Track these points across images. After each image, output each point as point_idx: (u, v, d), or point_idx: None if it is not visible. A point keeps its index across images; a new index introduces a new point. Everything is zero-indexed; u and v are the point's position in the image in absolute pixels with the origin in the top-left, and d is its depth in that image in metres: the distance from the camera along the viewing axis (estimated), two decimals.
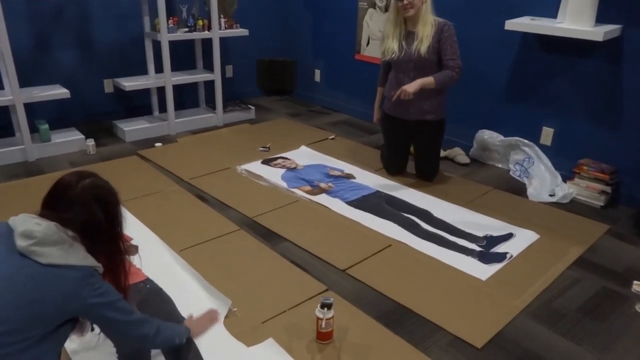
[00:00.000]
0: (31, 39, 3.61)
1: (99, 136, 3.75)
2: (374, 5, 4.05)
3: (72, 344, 1.71)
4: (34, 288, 1.22)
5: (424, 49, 2.80)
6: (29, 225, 1.25)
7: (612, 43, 2.78)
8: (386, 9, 3.94)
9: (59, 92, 3.42)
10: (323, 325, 1.76)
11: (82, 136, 3.58)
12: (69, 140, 3.51)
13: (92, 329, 1.46)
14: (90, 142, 3.51)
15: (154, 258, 2.26)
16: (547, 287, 2.15)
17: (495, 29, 3.19)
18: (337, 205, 2.82)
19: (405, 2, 2.77)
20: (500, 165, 3.43)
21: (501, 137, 3.35)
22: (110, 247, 1.42)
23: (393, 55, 2.90)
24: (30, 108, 3.35)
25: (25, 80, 3.40)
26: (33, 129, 3.38)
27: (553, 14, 2.98)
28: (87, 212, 1.33)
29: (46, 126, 3.42)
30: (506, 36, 3.19)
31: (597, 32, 2.65)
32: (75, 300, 1.28)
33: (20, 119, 3.24)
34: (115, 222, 1.42)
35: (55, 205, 1.33)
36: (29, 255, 1.23)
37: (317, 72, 4.79)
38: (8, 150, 3.27)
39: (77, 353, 1.72)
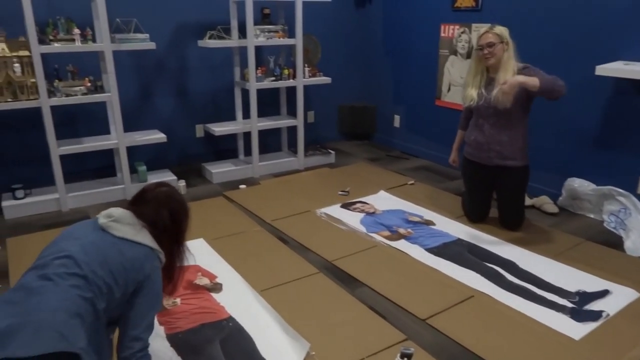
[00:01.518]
0: (135, 89, 3.98)
1: (189, 177, 4.00)
2: (455, 53, 4.07)
3: None
4: (112, 253, 1.51)
5: None
6: (110, 209, 1.63)
7: None
8: (468, 56, 3.94)
9: (157, 136, 3.71)
10: None
11: (175, 177, 3.83)
12: (164, 180, 3.75)
13: None
14: (182, 182, 3.75)
15: (236, 297, 2.34)
16: None
17: (585, 74, 3.08)
18: (417, 252, 2.78)
19: (485, 51, 2.77)
20: (592, 216, 3.23)
21: (593, 186, 3.17)
22: (173, 246, 1.70)
23: (472, 102, 2.89)
24: (130, 151, 3.65)
25: (128, 125, 3.72)
26: (132, 170, 3.68)
27: None
28: (156, 213, 1.65)
29: (144, 167, 3.71)
30: (597, 81, 3.07)
31: None
32: (140, 272, 1.54)
33: (123, 160, 3.55)
34: (180, 227, 1.72)
35: (136, 203, 1.69)
36: (107, 229, 1.56)
37: (397, 118, 4.84)
38: (110, 189, 3.57)
39: None
